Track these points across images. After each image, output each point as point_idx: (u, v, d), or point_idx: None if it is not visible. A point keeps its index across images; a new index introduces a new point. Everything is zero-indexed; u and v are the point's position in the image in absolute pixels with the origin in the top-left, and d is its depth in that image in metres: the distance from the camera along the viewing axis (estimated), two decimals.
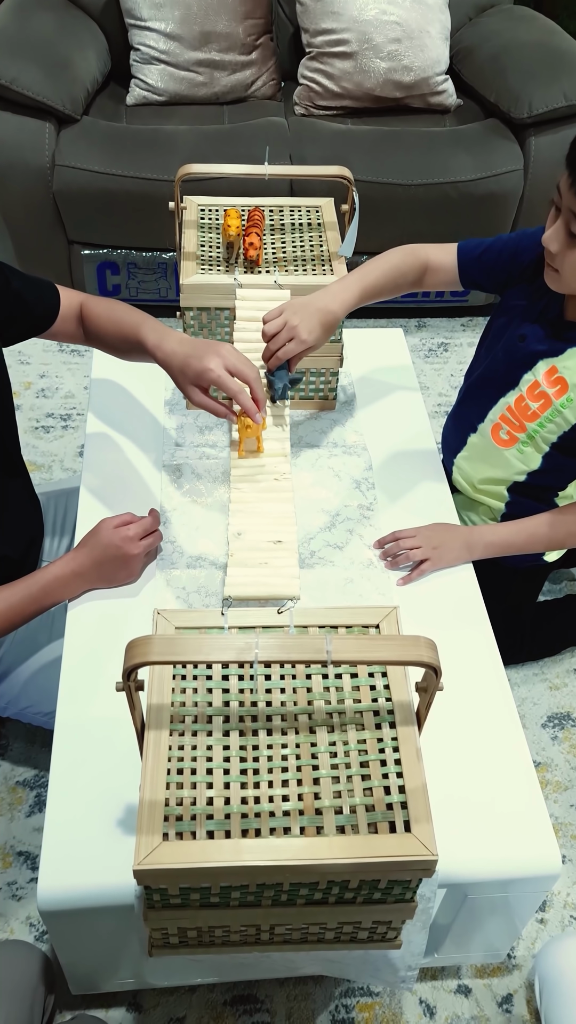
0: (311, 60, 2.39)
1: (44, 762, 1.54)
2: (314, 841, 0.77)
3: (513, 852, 0.96)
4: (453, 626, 1.16)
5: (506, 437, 1.37)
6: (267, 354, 1.18)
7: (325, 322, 1.17)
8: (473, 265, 1.31)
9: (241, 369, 1.07)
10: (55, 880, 0.91)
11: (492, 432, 1.39)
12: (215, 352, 1.07)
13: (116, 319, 1.19)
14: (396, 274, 1.27)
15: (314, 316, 1.16)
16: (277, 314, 1.17)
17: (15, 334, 1.20)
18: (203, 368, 1.06)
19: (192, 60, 2.34)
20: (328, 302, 1.18)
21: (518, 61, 2.34)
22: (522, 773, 1.02)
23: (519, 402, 1.33)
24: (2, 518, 1.24)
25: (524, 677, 1.73)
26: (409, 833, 0.78)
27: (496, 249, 1.30)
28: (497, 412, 1.37)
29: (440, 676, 0.75)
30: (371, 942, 0.92)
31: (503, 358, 1.34)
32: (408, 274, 1.29)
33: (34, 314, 1.20)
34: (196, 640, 0.73)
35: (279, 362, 1.17)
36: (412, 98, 2.42)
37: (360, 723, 0.86)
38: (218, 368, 1.05)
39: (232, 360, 1.07)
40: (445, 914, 1.04)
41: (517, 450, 1.36)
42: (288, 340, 1.15)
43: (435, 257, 1.32)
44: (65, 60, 2.24)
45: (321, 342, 1.17)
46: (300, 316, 1.15)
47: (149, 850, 0.75)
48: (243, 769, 0.82)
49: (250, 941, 0.91)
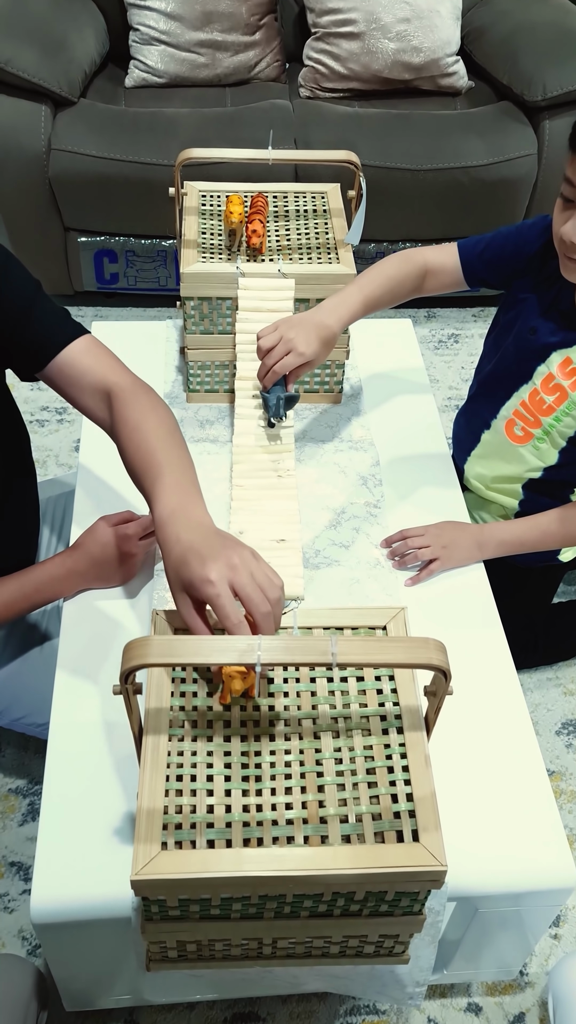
0: (317, 41, 2.39)
1: (37, 769, 1.54)
2: (319, 851, 0.77)
3: (526, 864, 0.96)
4: (463, 628, 1.15)
5: (521, 433, 1.37)
6: (263, 370, 1.17)
7: (323, 336, 1.16)
8: (476, 261, 1.31)
9: (250, 597, 0.80)
10: (49, 891, 0.91)
11: (506, 428, 1.38)
12: (226, 558, 0.81)
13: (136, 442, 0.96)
14: (394, 283, 1.27)
15: (311, 330, 1.15)
16: (272, 330, 1.16)
17: None
18: (201, 578, 0.80)
19: (193, 41, 2.34)
20: (324, 317, 1.18)
21: (531, 42, 2.34)
22: (535, 782, 1.01)
23: (533, 396, 1.32)
24: (4, 515, 1.24)
25: (538, 682, 1.73)
26: (417, 843, 0.78)
27: (498, 243, 1.30)
28: (511, 408, 1.37)
29: (450, 680, 0.75)
30: (378, 957, 0.91)
31: (514, 352, 1.34)
32: (406, 281, 1.29)
33: None
34: (196, 642, 0.72)
35: (276, 377, 1.16)
36: (421, 80, 2.42)
37: (367, 728, 0.86)
38: (221, 583, 0.80)
39: (244, 581, 0.80)
40: (454, 929, 1.04)
41: (533, 446, 1.36)
42: (285, 353, 1.14)
43: (434, 259, 1.31)
44: (61, 40, 2.24)
45: (320, 357, 1.17)
46: (296, 330, 1.15)
47: (147, 860, 0.75)
48: (245, 776, 0.82)
49: (252, 956, 0.90)
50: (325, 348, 1.17)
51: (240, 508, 1.16)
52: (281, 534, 1.14)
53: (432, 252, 1.32)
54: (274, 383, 1.18)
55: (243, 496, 1.18)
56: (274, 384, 1.18)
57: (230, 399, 1.40)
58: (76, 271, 2.39)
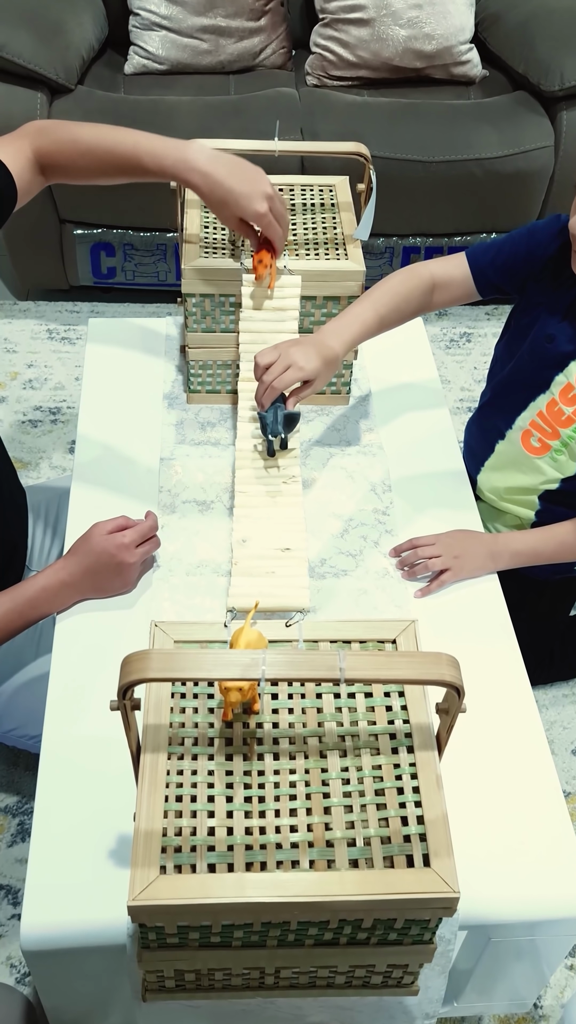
0: (325, 27, 2.40)
1: (28, 787, 1.54)
2: (324, 876, 0.77)
3: (541, 891, 0.95)
4: (476, 642, 1.15)
5: (538, 445, 1.36)
6: (261, 389, 1.15)
7: (325, 356, 1.15)
8: (489, 268, 1.31)
9: (282, 213, 1.21)
10: (40, 917, 0.90)
11: (522, 439, 1.38)
12: (262, 193, 1.16)
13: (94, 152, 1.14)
14: (399, 300, 1.26)
15: (312, 348, 1.14)
16: (270, 350, 1.15)
17: None
18: (256, 214, 1.17)
19: (196, 26, 2.35)
20: (325, 338, 1.17)
21: (549, 29, 2.35)
22: (551, 804, 1.01)
23: (551, 407, 1.32)
24: None
25: (553, 698, 1.72)
26: (428, 868, 0.77)
27: (509, 248, 1.30)
28: (527, 418, 1.37)
29: (463, 696, 0.75)
30: (386, 988, 0.91)
31: (530, 360, 1.34)
32: (412, 298, 1.28)
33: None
34: (197, 655, 0.72)
35: (275, 393, 1.14)
36: (434, 68, 2.42)
37: (375, 747, 0.86)
38: (267, 216, 1.17)
39: (278, 207, 1.19)
40: (466, 958, 1.03)
41: (551, 458, 1.35)
42: (284, 369, 1.13)
43: (441, 272, 1.31)
44: (58, 25, 2.25)
45: (323, 377, 1.15)
46: (297, 348, 1.14)
47: (145, 884, 0.75)
48: (247, 796, 0.82)
49: (253, 986, 0.90)
50: (327, 367, 1.15)
51: (244, 516, 1.16)
52: (286, 543, 1.14)
53: (438, 264, 1.32)
54: (272, 401, 1.16)
55: (246, 503, 1.18)
56: (272, 402, 1.16)
57: (232, 400, 1.40)
58: (72, 265, 2.40)
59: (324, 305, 1.33)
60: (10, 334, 2.44)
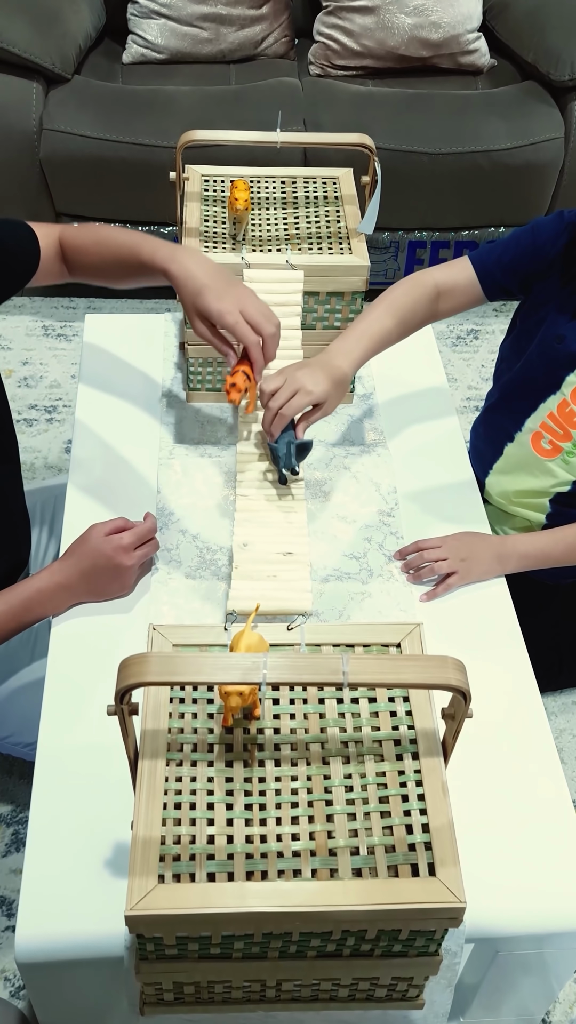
0: (328, 15, 2.40)
1: (23, 796, 1.55)
2: (327, 885, 0.77)
3: (550, 903, 0.95)
4: (483, 647, 1.16)
5: (548, 447, 1.36)
6: (268, 417, 1.14)
7: (334, 377, 1.14)
8: (495, 269, 1.31)
9: (259, 322, 1.11)
10: (35, 928, 0.91)
11: (532, 442, 1.38)
12: (236, 296, 1.11)
13: (106, 243, 1.21)
14: (405, 312, 1.26)
15: (319, 370, 1.14)
16: (275, 375, 1.15)
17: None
18: (220, 310, 1.10)
19: (196, 14, 2.36)
20: (332, 358, 1.17)
21: (559, 16, 2.35)
22: (560, 813, 1.01)
23: (563, 407, 1.32)
24: None
25: (563, 705, 1.73)
26: (434, 877, 0.78)
27: (514, 247, 1.30)
28: (537, 420, 1.37)
29: (469, 701, 0.75)
30: (390, 1001, 0.91)
31: (539, 360, 1.34)
32: (418, 309, 1.28)
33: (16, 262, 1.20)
34: (197, 659, 0.73)
35: (284, 421, 1.13)
36: (440, 58, 2.43)
37: (379, 753, 0.86)
38: (235, 312, 1.10)
39: (252, 311, 1.11)
40: (473, 972, 1.03)
41: (562, 460, 1.36)
42: (292, 394, 1.12)
43: (445, 279, 1.31)
44: (54, 13, 2.26)
45: (333, 400, 1.15)
46: (303, 371, 1.13)
47: (143, 894, 0.75)
48: (248, 804, 0.82)
49: (254, 999, 0.91)
50: (337, 389, 1.15)
51: (245, 519, 1.16)
52: (288, 546, 1.14)
53: (441, 271, 1.32)
54: (282, 431, 1.15)
55: (247, 507, 1.18)
56: (282, 432, 1.15)
57: None
58: None
59: (327, 301, 1.34)
60: (4, 330, 2.44)
